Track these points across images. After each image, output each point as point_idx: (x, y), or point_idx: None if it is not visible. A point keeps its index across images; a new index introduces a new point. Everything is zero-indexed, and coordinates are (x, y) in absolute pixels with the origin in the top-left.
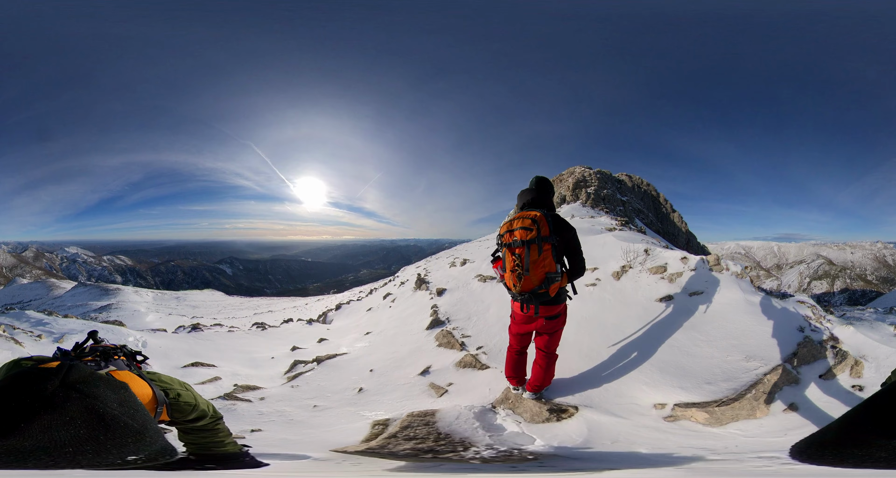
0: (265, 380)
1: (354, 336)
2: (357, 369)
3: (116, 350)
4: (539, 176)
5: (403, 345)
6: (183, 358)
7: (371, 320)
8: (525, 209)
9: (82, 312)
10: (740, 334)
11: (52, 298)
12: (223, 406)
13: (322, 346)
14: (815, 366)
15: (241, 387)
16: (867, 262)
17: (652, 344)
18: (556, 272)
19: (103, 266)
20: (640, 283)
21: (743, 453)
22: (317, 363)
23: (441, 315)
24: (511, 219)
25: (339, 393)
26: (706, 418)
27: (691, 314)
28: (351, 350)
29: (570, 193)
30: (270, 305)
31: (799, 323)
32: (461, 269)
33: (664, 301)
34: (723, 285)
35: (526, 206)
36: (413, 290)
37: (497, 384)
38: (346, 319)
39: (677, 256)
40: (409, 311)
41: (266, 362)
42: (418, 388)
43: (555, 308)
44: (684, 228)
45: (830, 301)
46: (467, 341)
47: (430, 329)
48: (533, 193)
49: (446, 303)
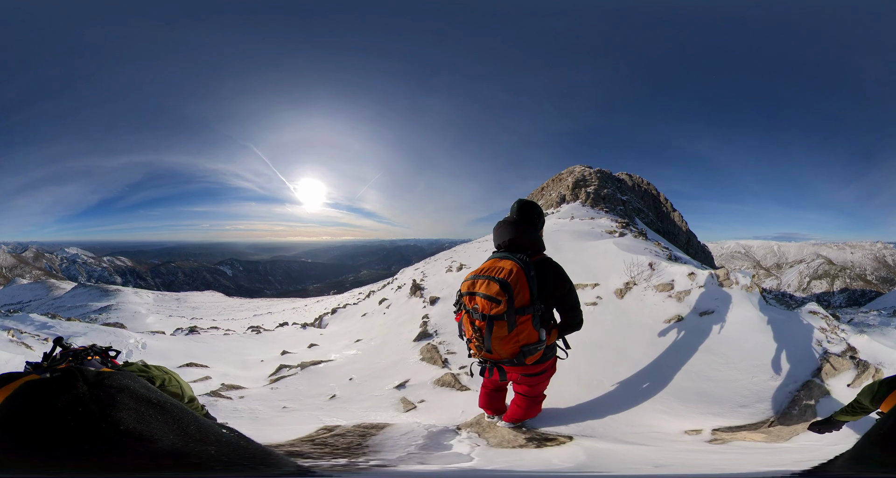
0: (251, 381)
1: (345, 343)
2: (338, 376)
3: (87, 351)
4: (522, 200)
5: (388, 355)
6: (180, 359)
7: (364, 327)
8: (499, 255)
9: (82, 314)
10: (760, 354)
11: (52, 298)
12: (207, 402)
13: (311, 351)
14: (841, 377)
15: (227, 386)
16: (867, 262)
17: (664, 370)
18: (538, 341)
19: (103, 267)
20: (645, 302)
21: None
22: (300, 368)
23: (430, 327)
24: (476, 274)
25: (312, 398)
26: (764, 437)
27: (705, 336)
28: (338, 357)
29: (570, 192)
30: (270, 307)
31: (815, 336)
32: (457, 275)
33: (673, 322)
34: (734, 303)
35: (502, 248)
36: (408, 296)
37: (473, 408)
38: (341, 324)
39: (684, 272)
40: (402, 319)
41: (256, 364)
42: (389, 400)
43: (536, 368)
44: (684, 228)
45: (830, 301)
46: (451, 358)
47: (417, 341)
48: (512, 229)
49: (437, 313)
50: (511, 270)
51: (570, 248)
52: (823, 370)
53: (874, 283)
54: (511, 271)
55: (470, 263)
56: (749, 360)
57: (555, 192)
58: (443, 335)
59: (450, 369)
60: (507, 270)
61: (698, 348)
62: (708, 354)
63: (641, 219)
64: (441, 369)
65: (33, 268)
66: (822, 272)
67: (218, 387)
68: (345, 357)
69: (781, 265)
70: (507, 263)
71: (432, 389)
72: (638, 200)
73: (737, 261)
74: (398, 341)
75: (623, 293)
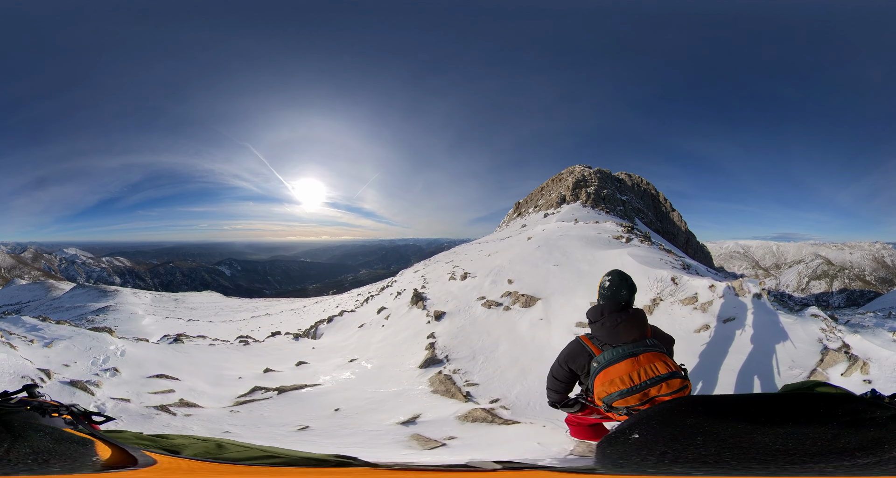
0: (215, 400)
1: (337, 362)
2: (321, 405)
3: (58, 408)
4: (617, 274)
5: (389, 383)
6: (153, 368)
7: (361, 342)
8: (636, 348)
9: (80, 314)
10: (778, 350)
11: (51, 299)
12: (148, 413)
13: (299, 371)
14: (837, 368)
15: (183, 402)
16: (866, 262)
17: (710, 372)
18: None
19: (102, 267)
20: (674, 316)
21: None
22: (277, 393)
23: (439, 351)
24: (635, 387)
25: (274, 427)
26: None
27: (731, 339)
28: (328, 380)
29: (570, 192)
30: (269, 307)
31: (817, 335)
32: (461, 284)
33: (703, 331)
34: (750, 309)
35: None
36: (409, 306)
37: (547, 437)
38: (336, 334)
39: (705, 285)
40: (403, 335)
41: (231, 381)
42: (392, 437)
43: None
44: (683, 227)
45: (829, 301)
46: (474, 391)
47: (425, 368)
48: (638, 321)
49: (445, 332)
50: (670, 367)
51: (581, 257)
52: (824, 361)
53: (873, 283)
54: (670, 367)
55: (475, 272)
56: (772, 355)
57: (555, 192)
58: (456, 362)
59: (477, 404)
60: (666, 366)
61: (728, 351)
62: (738, 354)
63: (641, 219)
64: (464, 404)
65: (32, 268)
66: (820, 272)
67: (175, 401)
68: (335, 381)
69: (780, 265)
70: (659, 364)
71: (458, 425)
72: (637, 200)
73: (735, 261)
74: (400, 366)
75: (652, 309)
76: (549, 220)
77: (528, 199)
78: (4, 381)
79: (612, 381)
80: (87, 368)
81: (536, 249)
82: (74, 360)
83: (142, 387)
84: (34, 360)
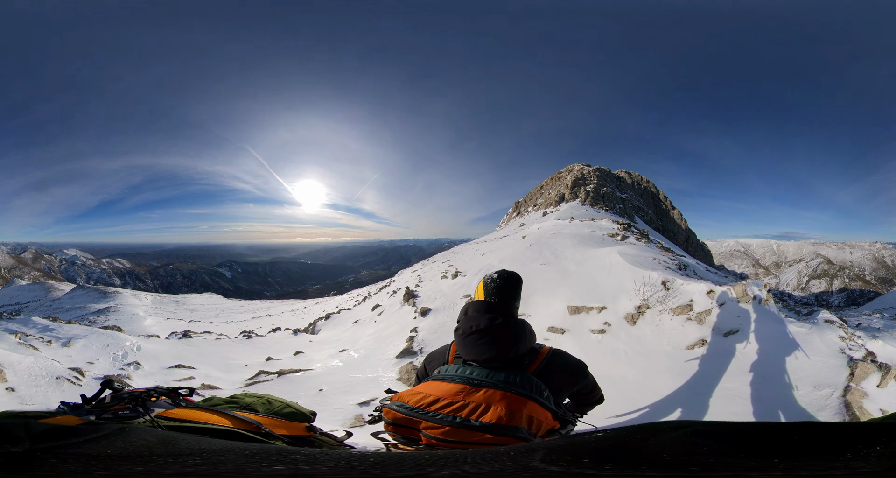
0: (228, 383)
1: (330, 352)
2: (310, 386)
3: (149, 392)
4: (505, 273)
5: (367, 370)
6: (170, 361)
7: (353, 335)
8: (483, 380)
9: (80, 315)
10: (793, 368)
11: (51, 300)
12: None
13: (296, 359)
14: (870, 380)
15: (205, 385)
16: (866, 262)
17: (697, 399)
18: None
19: (102, 269)
20: (662, 327)
21: None
22: (277, 375)
23: (416, 344)
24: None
25: None
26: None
27: (733, 358)
28: (319, 367)
29: (569, 191)
30: (269, 309)
31: (838, 345)
32: (452, 283)
33: (697, 347)
34: (756, 319)
35: (485, 368)
36: (401, 303)
37: None
38: (332, 330)
39: (703, 290)
40: (391, 329)
41: (239, 368)
42: (345, 414)
43: None
44: (684, 226)
45: (829, 300)
46: None
47: (400, 358)
48: (497, 337)
49: (427, 328)
50: (524, 416)
51: (570, 256)
52: (855, 375)
53: (873, 283)
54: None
55: (465, 271)
56: (786, 374)
57: (554, 190)
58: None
59: None
60: (496, 398)
61: (729, 371)
62: (743, 374)
63: (641, 217)
64: None
65: (32, 269)
66: (820, 272)
67: (198, 386)
68: (325, 367)
69: (780, 264)
70: (504, 413)
71: None
72: (637, 198)
73: (736, 259)
74: (381, 356)
75: (635, 319)
76: (547, 218)
77: (527, 198)
78: (42, 384)
79: (419, 392)
80: (110, 364)
81: (528, 248)
82: (96, 357)
83: (166, 376)
84: (61, 360)
